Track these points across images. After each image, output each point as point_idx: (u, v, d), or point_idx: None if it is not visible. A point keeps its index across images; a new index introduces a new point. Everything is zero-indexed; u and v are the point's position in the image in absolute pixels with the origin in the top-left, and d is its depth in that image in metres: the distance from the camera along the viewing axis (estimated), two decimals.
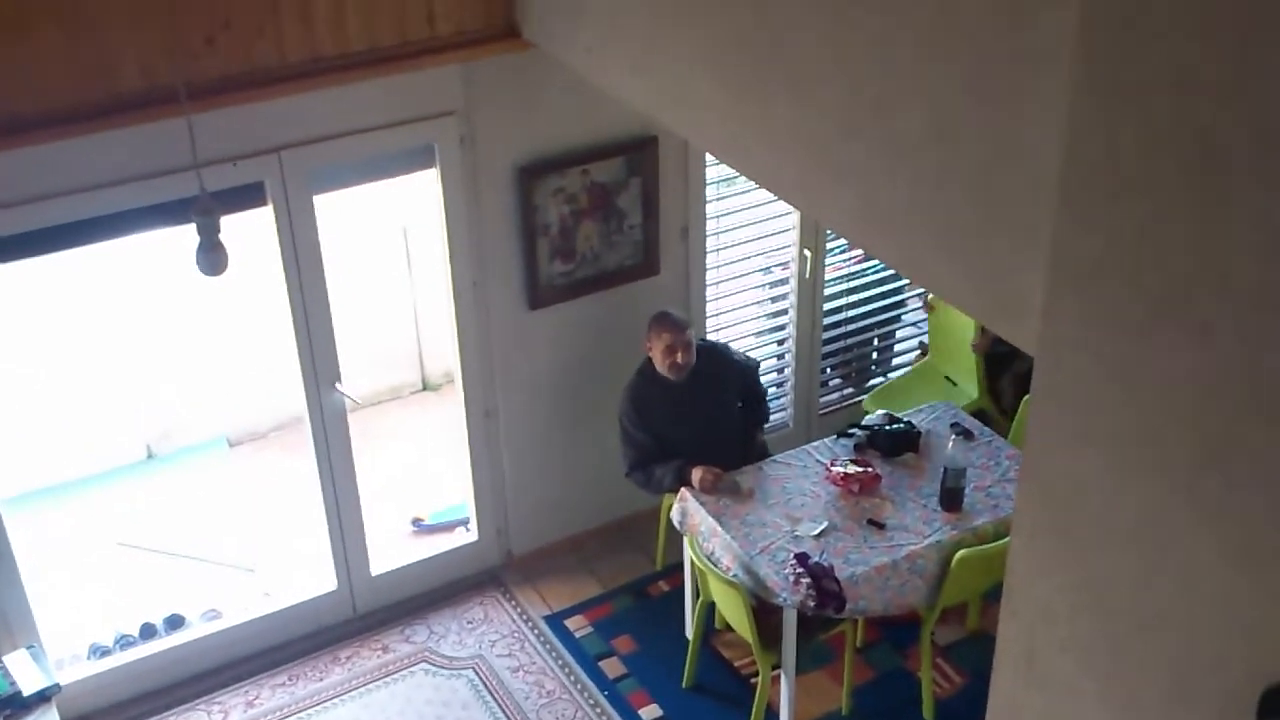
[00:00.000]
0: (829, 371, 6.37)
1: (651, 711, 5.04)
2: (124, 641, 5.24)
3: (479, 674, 5.21)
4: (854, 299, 6.20)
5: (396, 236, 6.72)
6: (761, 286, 6.01)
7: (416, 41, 4.25)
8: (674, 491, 4.96)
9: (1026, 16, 2.26)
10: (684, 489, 4.88)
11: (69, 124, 3.83)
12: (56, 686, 4.48)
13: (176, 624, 5.36)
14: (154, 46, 3.81)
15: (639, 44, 3.62)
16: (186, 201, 3.91)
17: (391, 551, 5.65)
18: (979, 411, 5.66)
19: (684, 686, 5.11)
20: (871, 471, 4.84)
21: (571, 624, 5.45)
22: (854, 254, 6.12)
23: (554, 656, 5.29)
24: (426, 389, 7.18)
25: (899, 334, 6.57)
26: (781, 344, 6.08)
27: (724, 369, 5.20)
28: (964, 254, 2.58)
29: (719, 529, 4.67)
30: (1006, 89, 2.35)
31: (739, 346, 5.59)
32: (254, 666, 5.25)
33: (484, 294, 5.13)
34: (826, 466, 4.91)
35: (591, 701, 5.08)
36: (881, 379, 6.40)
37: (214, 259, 3.76)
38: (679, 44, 3.40)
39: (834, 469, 4.86)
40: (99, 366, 6.26)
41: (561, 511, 5.74)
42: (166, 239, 4.78)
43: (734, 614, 4.65)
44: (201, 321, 6.35)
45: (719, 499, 4.80)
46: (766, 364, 5.89)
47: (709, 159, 5.33)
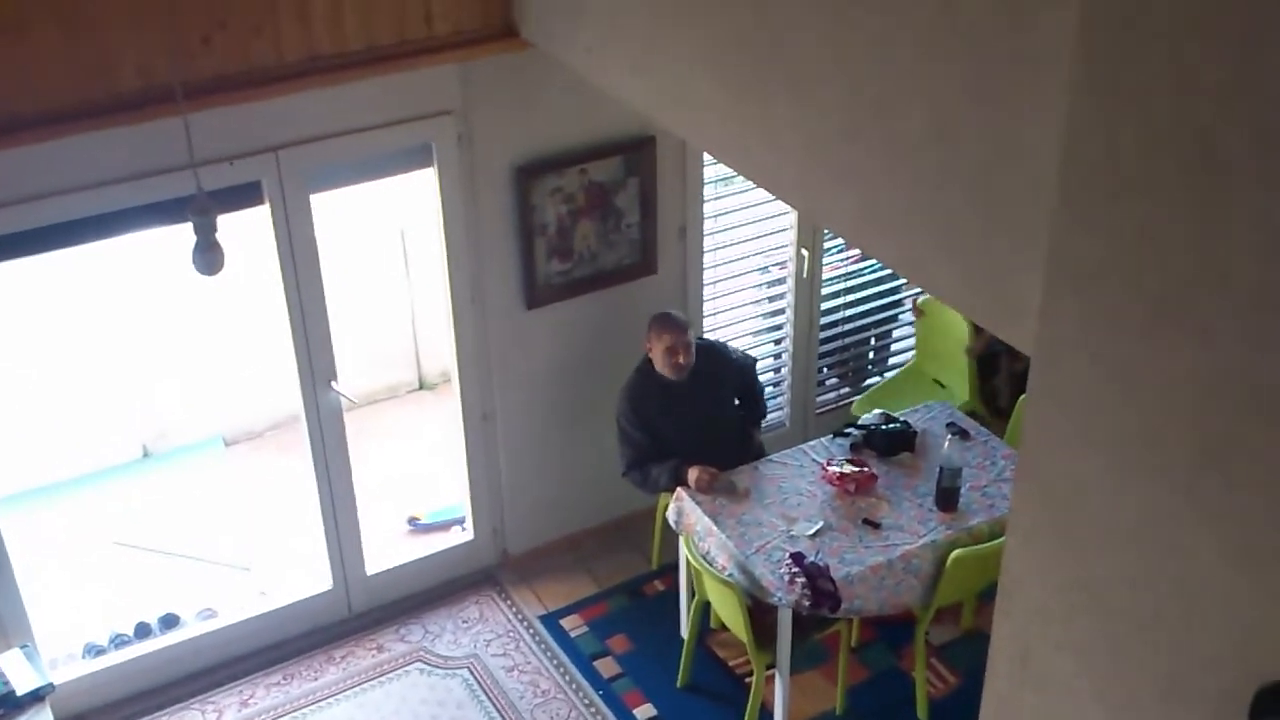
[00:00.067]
0: (826, 371, 6.38)
1: (646, 711, 5.04)
2: (119, 641, 5.24)
3: (474, 673, 5.21)
4: (851, 299, 6.21)
5: (394, 236, 6.72)
6: (759, 286, 6.02)
7: (414, 41, 4.24)
8: (670, 491, 4.96)
9: (1026, 17, 2.27)
10: (680, 488, 4.88)
11: (66, 123, 3.82)
12: (50, 686, 4.47)
13: (171, 623, 5.35)
14: (151, 46, 3.80)
15: (638, 44, 3.62)
16: (183, 200, 3.91)
17: (387, 551, 5.64)
18: (970, 414, 5.67)
19: (679, 686, 5.11)
20: (867, 471, 4.85)
21: (567, 623, 5.45)
22: (851, 254, 6.13)
23: (549, 656, 5.29)
24: (423, 388, 7.18)
25: (896, 334, 6.57)
26: (778, 343, 6.09)
27: (722, 368, 5.20)
28: (963, 255, 2.59)
29: (715, 528, 4.67)
30: (1006, 89, 2.36)
31: (736, 346, 5.59)
32: (249, 666, 5.25)
33: (481, 293, 5.12)
34: (822, 466, 4.91)
35: (586, 701, 5.08)
36: (878, 378, 6.40)
37: (210, 258, 3.75)
38: (678, 44, 3.40)
39: (830, 468, 4.87)
40: (95, 365, 6.25)
41: (557, 511, 5.74)
42: (163, 238, 4.77)
43: (729, 613, 4.65)
44: (198, 320, 6.34)
45: (715, 498, 4.80)
46: (763, 363, 5.89)
47: (707, 159, 5.33)
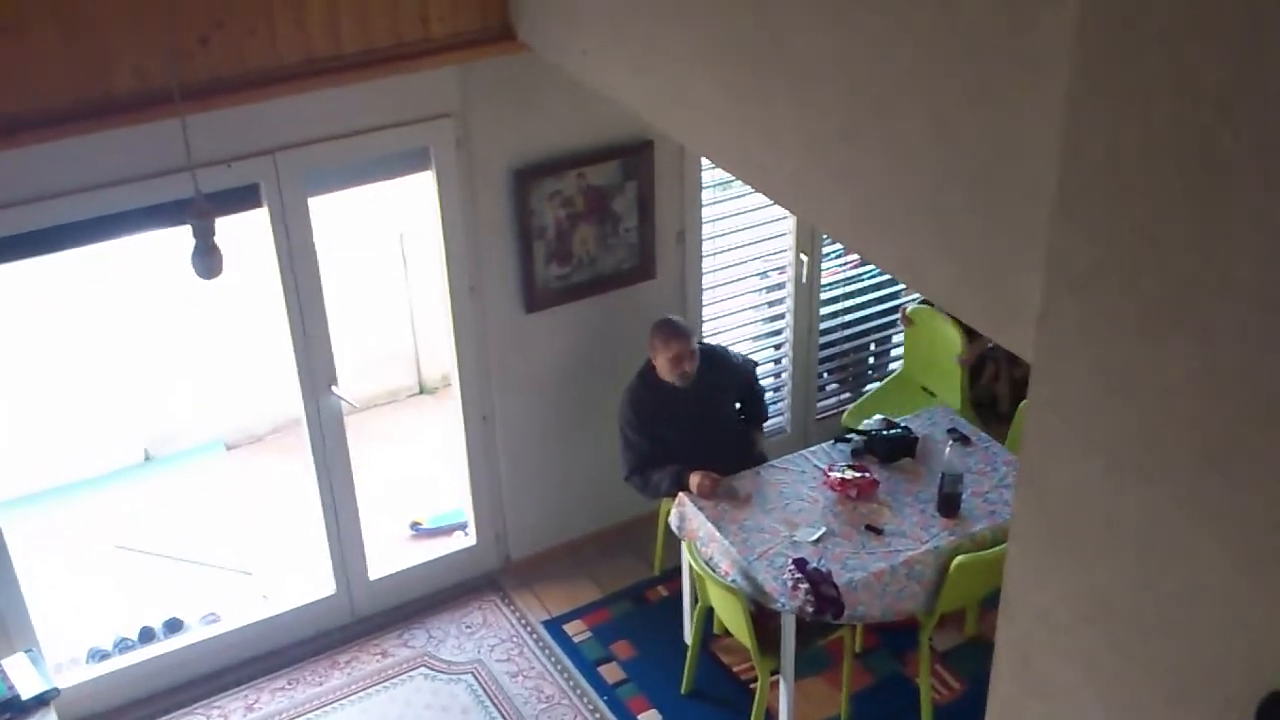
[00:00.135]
0: (826, 376, 6.37)
1: (650, 717, 5.02)
2: (122, 645, 5.23)
3: (478, 679, 5.20)
4: (850, 304, 6.19)
5: (392, 239, 6.71)
6: (758, 291, 6.00)
7: (411, 43, 4.23)
8: (672, 496, 4.94)
9: (1026, 17, 2.25)
10: (682, 494, 4.87)
11: (63, 124, 3.82)
12: (55, 690, 4.46)
13: (175, 628, 5.35)
14: (149, 46, 3.80)
15: (636, 46, 3.61)
16: (181, 203, 3.91)
17: (390, 555, 5.64)
18: None
19: (683, 692, 5.10)
20: (869, 477, 4.83)
21: (570, 629, 5.44)
22: (850, 258, 6.12)
23: (553, 661, 5.27)
24: (423, 392, 7.17)
25: (895, 339, 6.55)
26: (778, 349, 6.07)
27: (723, 373, 5.19)
28: (961, 257, 2.57)
29: (717, 534, 4.66)
30: (1006, 90, 2.34)
31: (736, 350, 5.57)
32: (253, 670, 5.24)
33: (480, 297, 5.11)
34: (824, 472, 4.90)
35: (590, 707, 5.06)
36: (877, 384, 6.38)
37: (209, 262, 3.75)
38: (676, 45, 3.39)
39: (832, 474, 4.85)
40: (96, 369, 6.25)
41: (560, 516, 5.72)
42: (163, 241, 4.77)
43: (732, 619, 4.63)
44: (198, 324, 6.34)
45: (717, 504, 4.79)
46: (763, 369, 5.88)
47: (705, 163, 5.32)
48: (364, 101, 4.45)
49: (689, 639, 5.14)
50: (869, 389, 6.33)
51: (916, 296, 6.18)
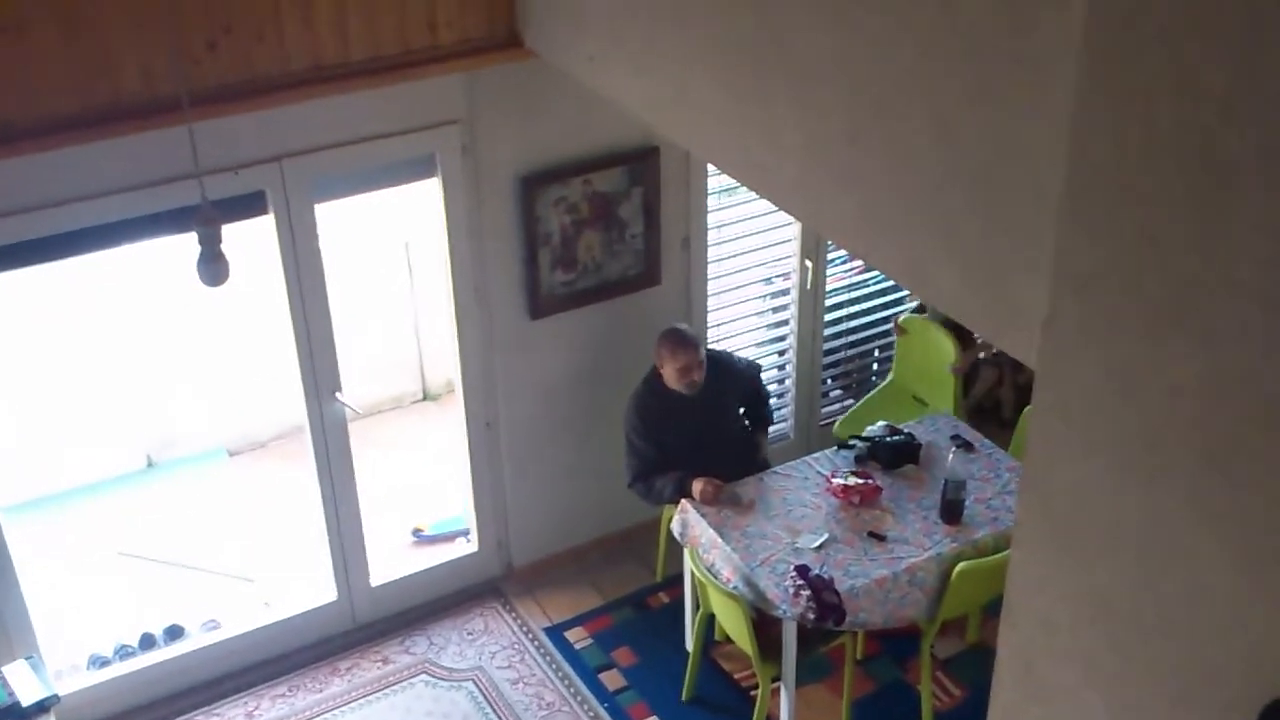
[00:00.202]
0: (830, 382, 6.37)
1: None
2: (123, 652, 5.23)
3: (479, 685, 5.19)
4: (855, 309, 6.20)
5: (398, 246, 6.72)
6: (763, 297, 6.01)
7: (419, 50, 4.25)
8: (675, 503, 4.95)
9: (1029, 20, 2.26)
10: (684, 500, 4.87)
11: (70, 131, 3.83)
12: (55, 697, 4.47)
13: (176, 634, 5.34)
14: (155, 52, 3.81)
15: (641, 52, 3.62)
16: (187, 210, 3.90)
17: (392, 562, 5.63)
18: None
19: (684, 699, 5.09)
20: (872, 483, 4.83)
21: (572, 636, 5.43)
22: (855, 264, 6.12)
23: (554, 668, 5.27)
24: (427, 399, 7.18)
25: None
26: (782, 354, 6.08)
27: (729, 380, 5.19)
28: (964, 260, 2.57)
29: (719, 541, 4.66)
30: (1007, 91, 2.35)
31: (740, 355, 5.58)
32: (254, 677, 5.23)
33: (485, 303, 5.12)
34: (827, 478, 4.90)
35: (591, 714, 5.06)
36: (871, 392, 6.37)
37: (215, 270, 3.74)
38: (681, 50, 3.40)
39: (834, 481, 4.85)
40: (99, 375, 6.25)
41: (562, 523, 5.72)
42: (168, 248, 4.78)
43: (734, 626, 4.63)
44: (202, 330, 6.35)
45: (719, 510, 4.79)
46: (767, 374, 5.88)
47: (711, 169, 5.33)
48: (371, 108, 4.46)
49: (690, 646, 5.14)
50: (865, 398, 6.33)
51: (917, 303, 6.19)
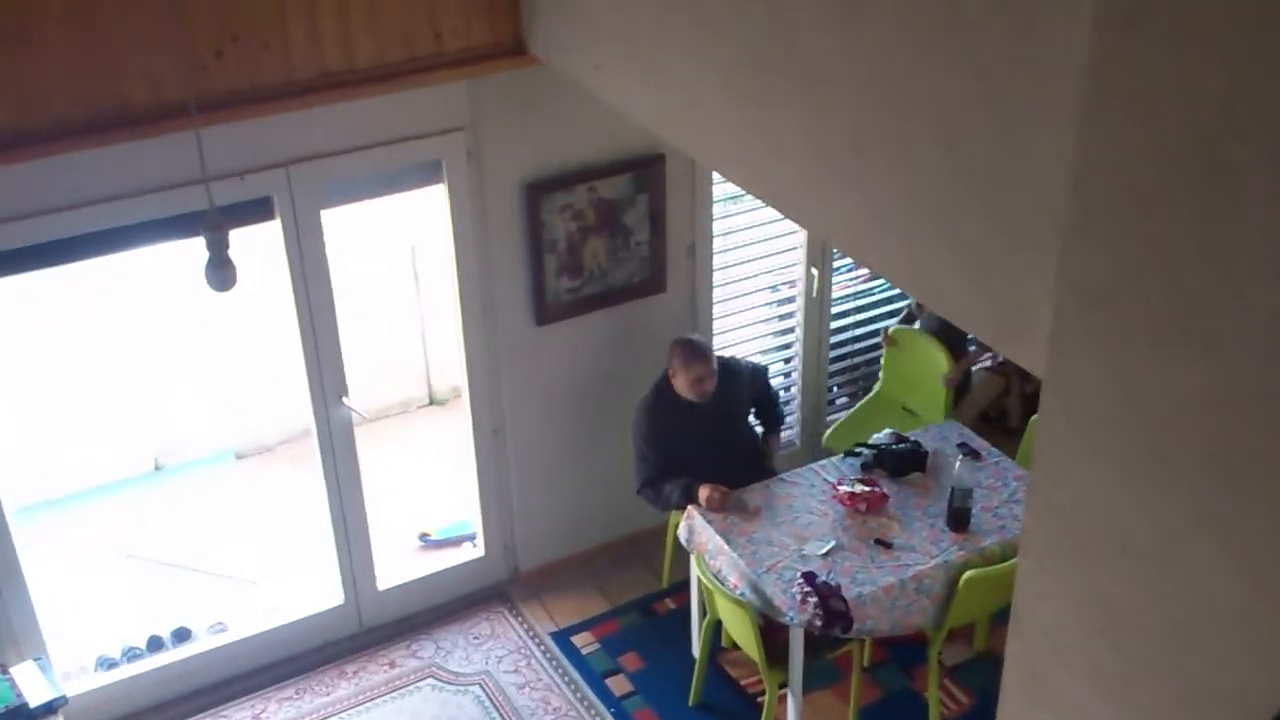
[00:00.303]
0: (835, 390, 6.36)
1: None
2: (131, 654, 5.24)
3: (485, 690, 5.20)
4: (861, 318, 6.19)
5: (404, 251, 6.73)
6: (768, 305, 6.01)
7: (424, 57, 4.26)
8: (682, 509, 4.95)
9: (1037, 29, 2.26)
10: (691, 507, 4.87)
11: (78, 137, 3.85)
12: (63, 698, 4.49)
13: (183, 637, 5.35)
14: (163, 59, 3.82)
15: (647, 60, 3.62)
16: (194, 215, 3.92)
17: (398, 566, 5.64)
18: None
19: (690, 705, 5.09)
20: (879, 491, 4.83)
21: (578, 641, 5.44)
22: (861, 272, 6.12)
23: (560, 673, 5.27)
24: (433, 403, 7.19)
25: None
26: (788, 362, 6.07)
27: (737, 386, 5.18)
28: (972, 270, 2.57)
29: (726, 547, 4.66)
30: (1016, 101, 2.35)
31: (745, 359, 5.57)
32: (260, 680, 5.24)
33: (491, 309, 5.13)
34: (833, 485, 4.90)
35: (598, 718, 5.06)
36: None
37: (223, 275, 3.75)
38: (687, 60, 3.40)
39: (841, 488, 4.85)
40: (107, 378, 6.27)
41: (568, 528, 5.73)
42: (175, 252, 4.79)
43: (741, 632, 4.63)
44: (209, 334, 6.36)
45: (726, 517, 4.79)
46: (773, 381, 5.87)
47: (716, 176, 5.33)
48: (377, 115, 4.47)
49: (697, 652, 5.14)
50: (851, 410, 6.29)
51: (905, 314, 6.17)
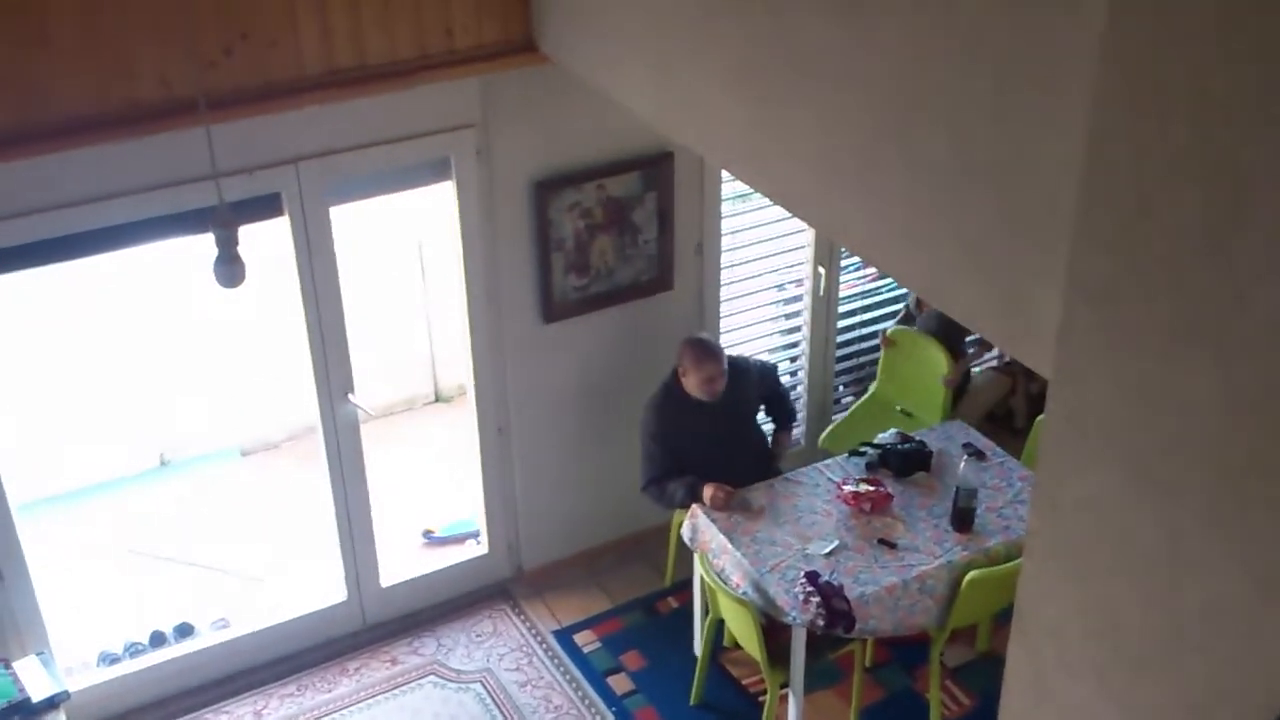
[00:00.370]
0: (842, 389, 6.36)
1: None
2: (133, 649, 5.25)
3: (487, 687, 5.20)
4: (868, 317, 6.19)
5: (411, 248, 6.74)
6: (775, 304, 6.01)
7: (434, 55, 4.26)
8: (686, 508, 4.95)
9: (1045, 29, 2.26)
10: (695, 506, 4.87)
11: (88, 133, 3.85)
12: (66, 693, 4.49)
13: (186, 632, 5.36)
14: (173, 56, 3.83)
15: (657, 58, 3.62)
16: (202, 211, 3.92)
17: (402, 563, 5.65)
18: None
19: (692, 704, 5.09)
20: (883, 491, 4.83)
21: (580, 639, 5.44)
22: (868, 271, 6.12)
23: (562, 671, 5.28)
24: (439, 401, 7.19)
25: None
26: (795, 361, 6.08)
27: (746, 385, 5.17)
28: (981, 271, 2.57)
29: (729, 546, 4.66)
30: (1027, 104, 2.35)
31: (754, 358, 5.57)
32: (263, 676, 5.25)
33: (498, 307, 5.13)
34: (838, 485, 4.90)
35: (599, 717, 5.06)
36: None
37: (231, 271, 3.76)
38: (698, 58, 3.41)
39: (845, 488, 4.85)
40: (113, 374, 6.28)
41: (572, 526, 5.73)
42: (183, 248, 4.80)
43: (743, 632, 4.63)
44: (216, 330, 6.37)
45: (730, 516, 4.79)
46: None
47: (725, 175, 5.33)
48: (386, 112, 4.48)
49: (699, 651, 5.14)
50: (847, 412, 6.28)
51: (902, 314, 6.16)
